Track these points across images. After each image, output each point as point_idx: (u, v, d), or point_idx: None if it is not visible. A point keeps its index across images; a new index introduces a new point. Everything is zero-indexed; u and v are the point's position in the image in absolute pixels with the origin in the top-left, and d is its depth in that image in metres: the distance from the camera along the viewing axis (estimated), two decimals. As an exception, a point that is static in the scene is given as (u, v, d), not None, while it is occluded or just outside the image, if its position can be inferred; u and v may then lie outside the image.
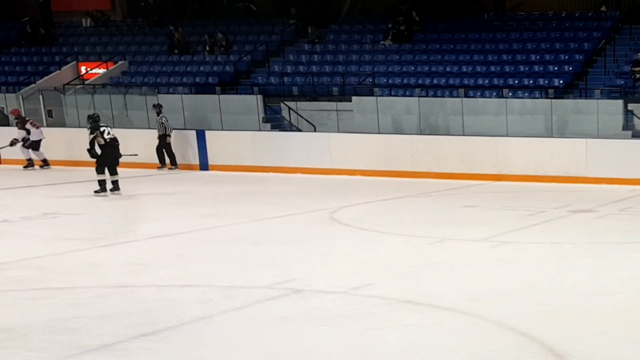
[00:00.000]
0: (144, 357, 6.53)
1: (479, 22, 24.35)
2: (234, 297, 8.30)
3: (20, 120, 20.51)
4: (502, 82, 21.10)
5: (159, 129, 19.93)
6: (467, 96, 20.60)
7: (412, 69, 22.58)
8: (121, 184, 15.99)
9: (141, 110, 21.99)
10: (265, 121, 21.59)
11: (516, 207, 14.16)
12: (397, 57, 23.07)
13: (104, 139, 15.44)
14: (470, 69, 21.98)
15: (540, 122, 19.23)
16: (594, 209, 13.82)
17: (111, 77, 24.74)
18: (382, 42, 23.74)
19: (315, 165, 19.02)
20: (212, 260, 10.16)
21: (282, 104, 21.79)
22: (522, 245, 10.91)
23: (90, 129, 15.51)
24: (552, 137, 18.58)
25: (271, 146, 19.71)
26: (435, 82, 21.78)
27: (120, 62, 25.30)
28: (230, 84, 23.24)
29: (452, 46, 23.14)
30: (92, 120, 15.62)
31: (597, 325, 7.27)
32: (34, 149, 20.42)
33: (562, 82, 20.66)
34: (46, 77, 24.94)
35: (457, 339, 6.89)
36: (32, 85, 24.54)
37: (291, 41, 25.20)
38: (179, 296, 8.38)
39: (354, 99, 21.12)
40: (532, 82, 20.93)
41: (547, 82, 20.75)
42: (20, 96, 23.72)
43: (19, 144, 20.26)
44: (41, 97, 23.43)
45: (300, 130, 21.12)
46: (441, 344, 6.77)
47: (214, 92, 22.56)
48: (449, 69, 22.20)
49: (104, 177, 15.56)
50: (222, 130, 20.84)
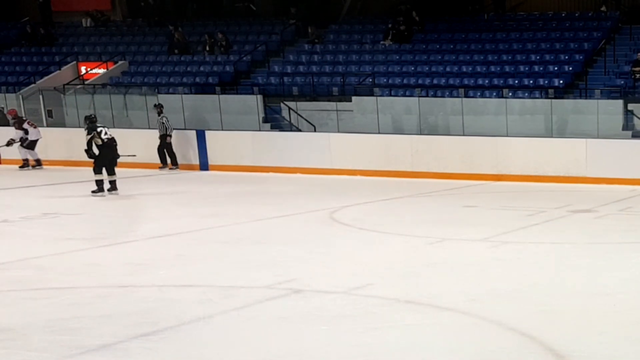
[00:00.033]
0: (144, 357, 6.53)
1: (479, 22, 24.34)
2: (234, 297, 8.30)
3: (17, 120, 20.48)
4: (502, 82, 21.10)
5: (159, 129, 19.94)
6: (467, 96, 20.60)
7: (412, 69, 22.57)
8: (121, 184, 15.99)
9: (141, 110, 21.99)
10: (265, 121, 21.59)
11: (516, 207, 14.16)
12: (397, 57, 23.07)
13: (102, 139, 15.47)
14: (470, 69, 21.98)
15: (540, 122, 19.23)
16: (594, 209, 13.82)
17: (111, 77, 24.74)
18: (382, 42, 23.74)
19: (315, 165, 19.01)
20: (212, 260, 10.16)
21: (282, 104, 21.79)
22: (522, 245, 10.91)
23: (87, 130, 15.57)
24: (552, 137, 18.58)
25: (271, 146, 19.71)
26: (435, 82, 21.77)
27: (120, 62, 25.29)
28: (230, 84, 23.24)
29: (452, 46, 23.13)
30: (89, 121, 15.70)
31: (597, 325, 7.27)
32: (30, 149, 20.40)
33: (562, 82, 20.66)
34: (46, 77, 24.93)
35: (457, 339, 6.89)
36: (32, 85, 24.53)
37: (291, 41, 25.19)
38: (179, 296, 8.38)
39: (354, 99, 21.12)
40: (532, 82, 20.93)
41: (547, 82, 20.75)
42: (20, 96, 23.71)
43: (16, 144, 20.24)
44: (41, 97, 23.43)
45: (300, 130, 21.11)
46: (441, 344, 6.77)
47: (214, 92, 22.56)
48: (449, 69, 22.19)
49: (101, 177, 15.57)
50: (222, 130, 20.84)
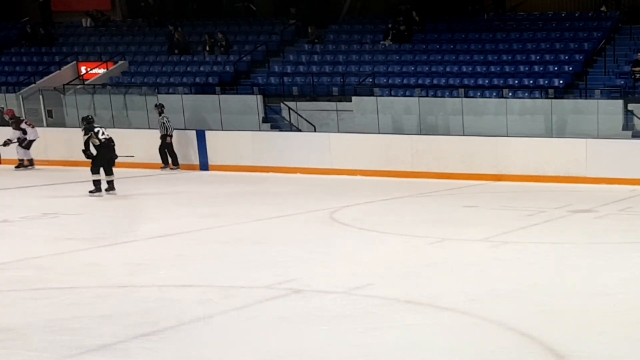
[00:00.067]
0: (144, 357, 6.53)
1: (479, 22, 24.34)
2: (234, 297, 8.30)
3: (15, 120, 20.45)
4: (502, 82, 21.10)
5: (160, 129, 19.93)
6: (467, 96, 20.60)
7: (412, 69, 22.57)
8: (122, 184, 15.99)
9: (141, 110, 21.99)
10: (265, 121, 21.59)
11: (516, 207, 14.16)
12: (397, 57, 23.06)
13: (99, 140, 15.53)
14: (470, 69, 21.97)
15: (540, 122, 19.23)
16: (594, 209, 13.82)
17: (111, 77, 24.73)
18: (382, 42, 23.73)
19: (315, 165, 19.01)
20: (212, 260, 10.16)
21: (282, 104, 21.79)
22: (522, 245, 10.91)
23: (84, 130, 15.61)
24: (552, 137, 18.58)
25: (271, 146, 19.71)
26: (435, 82, 21.77)
27: (120, 62, 25.29)
28: (230, 84, 23.24)
29: (452, 46, 23.13)
30: (86, 121, 15.80)
31: (597, 325, 7.27)
32: (26, 148, 20.36)
33: (562, 82, 20.66)
34: (46, 77, 24.92)
35: (457, 339, 6.88)
36: (32, 85, 24.52)
37: (291, 41, 25.19)
38: (179, 296, 8.38)
39: (354, 99, 21.12)
40: (532, 82, 20.92)
41: (547, 82, 20.75)
42: (20, 96, 23.71)
43: (13, 144, 20.20)
44: (41, 97, 23.43)
45: (300, 130, 21.12)
46: (441, 344, 6.77)
47: (214, 92, 22.55)
48: (449, 69, 22.19)
49: (98, 177, 15.59)
50: (222, 130, 20.84)
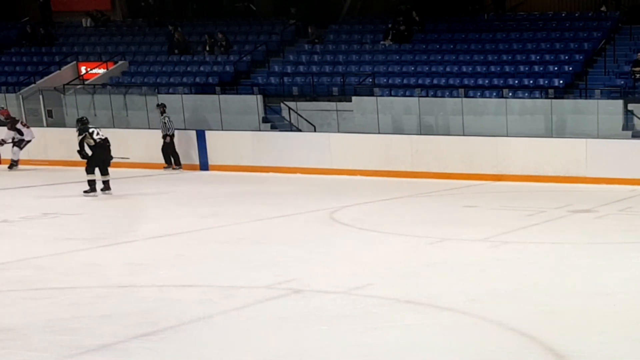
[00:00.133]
0: (144, 357, 6.53)
1: (479, 22, 24.34)
2: (234, 297, 8.30)
3: (11, 120, 20.40)
4: (502, 82, 21.10)
5: (162, 129, 19.93)
6: (467, 96, 20.60)
7: (412, 69, 22.57)
8: (122, 184, 16.00)
9: (141, 110, 22.00)
10: (265, 121, 21.59)
11: (516, 207, 14.16)
12: (397, 57, 23.06)
13: (94, 140, 15.56)
14: (470, 69, 21.97)
15: (540, 122, 19.23)
16: (594, 209, 13.82)
17: (111, 77, 24.73)
18: (382, 42, 23.73)
19: (315, 165, 19.01)
20: (212, 260, 10.16)
21: (282, 104, 21.79)
22: (522, 245, 10.91)
23: (78, 131, 15.68)
24: (552, 137, 18.58)
25: (271, 146, 19.71)
26: (435, 82, 21.77)
27: (120, 62, 25.29)
28: (230, 84, 23.24)
29: (452, 46, 23.13)
30: (81, 122, 15.90)
31: (597, 325, 7.27)
32: (20, 148, 20.27)
33: (562, 82, 20.66)
34: (46, 77, 24.92)
35: (457, 339, 6.88)
36: (32, 85, 24.52)
37: (291, 41, 25.19)
38: (179, 296, 8.38)
39: (354, 99, 21.12)
40: (532, 82, 20.92)
41: (547, 82, 20.75)
42: (20, 96, 23.70)
43: (7, 144, 20.16)
44: (41, 97, 23.43)
45: (300, 130, 21.11)
46: (441, 344, 6.77)
47: (214, 92, 22.55)
48: (449, 69, 22.19)
49: (93, 177, 15.62)
50: (222, 130, 20.84)
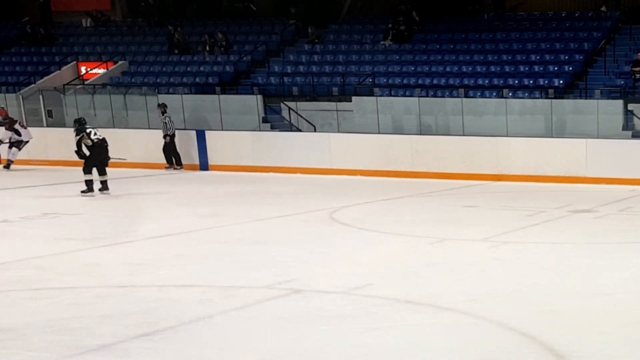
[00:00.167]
0: (144, 357, 6.53)
1: (479, 22, 24.34)
2: (234, 297, 8.30)
3: (9, 121, 20.38)
4: (502, 82, 21.10)
5: (163, 128, 19.93)
6: (467, 96, 20.60)
7: (412, 69, 22.57)
8: (122, 183, 16.01)
9: (141, 110, 21.99)
10: (265, 121, 21.58)
11: (516, 207, 14.16)
12: (397, 57, 23.06)
13: (91, 140, 15.58)
14: (470, 69, 21.97)
15: (540, 122, 19.24)
16: (594, 209, 13.82)
17: (111, 77, 24.73)
18: (382, 42, 23.73)
19: (315, 165, 19.01)
20: (212, 260, 10.16)
21: (282, 104, 21.79)
22: (522, 245, 10.91)
23: (75, 131, 15.69)
24: (552, 137, 18.58)
25: (271, 146, 19.71)
26: (435, 82, 21.77)
27: (120, 62, 25.29)
28: (230, 84, 23.24)
29: (452, 46, 23.13)
30: (79, 123, 15.90)
31: (597, 325, 7.27)
32: (18, 149, 20.30)
33: (562, 82, 20.66)
34: (46, 77, 24.92)
35: (457, 339, 6.88)
36: (32, 85, 24.52)
37: (291, 41, 25.19)
38: (179, 296, 8.38)
39: (354, 99, 21.12)
40: (532, 82, 20.92)
41: (547, 82, 20.75)
42: (20, 96, 23.70)
43: (4, 144, 20.13)
44: (41, 97, 23.43)
45: (300, 130, 21.11)
46: (441, 344, 6.77)
47: (214, 92, 22.55)
48: (449, 69, 22.19)
49: (90, 177, 15.63)
50: (222, 130, 20.84)
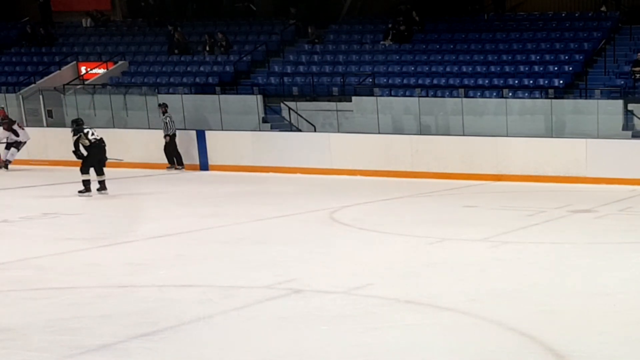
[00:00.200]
0: (144, 357, 6.53)
1: (479, 22, 24.34)
2: (234, 297, 8.30)
3: (7, 121, 20.35)
4: (502, 82, 21.09)
5: (163, 128, 19.93)
6: (467, 96, 20.59)
7: (412, 69, 22.57)
8: (122, 183, 16.02)
9: (141, 110, 21.99)
10: (265, 121, 21.58)
11: (516, 207, 14.16)
12: (397, 57, 23.06)
13: (89, 140, 15.60)
14: (470, 69, 21.97)
15: (540, 122, 19.23)
16: (594, 209, 13.82)
17: (111, 77, 24.73)
18: (382, 42, 23.73)
19: (315, 165, 19.01)
20: (212, 260, 10.16)
21: (282, 104, 21.79)
22: (522, 245, 10.91)
23: (73, 132, 15.71)
24: (552, 137, 18.58)
25: (271, 146, 19.71)
26: (435, 82, 21.76)
27: (120, 62, 25.29)
28: (230, 84, 23.23)
29: (452, 46, 23.13)
30: (76, 124, 15.93)
31: (597, 325, 7.27)
32: (8, 149, 20.29)
33: (562, 82, 20.65)
34: (46, 77, 24.92)
35: (457, 339, 6.88)
36: (32, 85, 24.51)
37: (291, 41, 25.19)
38: (179, 296, 8.38)
39: (354, 99, 21.11)
40: (532, 82, 20.92)
41: (547, 82, 20.75)
42: (20, 96, 23.70)
43: (1, 144, 20.13)
44: (41, 97, 23.42)
45: (300, 130, 21.11)
46: (441, 344, 6.77)
47: (214, 92, 22.54)
48: (449, 69, 22.19)
49: (88, 177, 15.64)
50: (222, 130, 20.84)
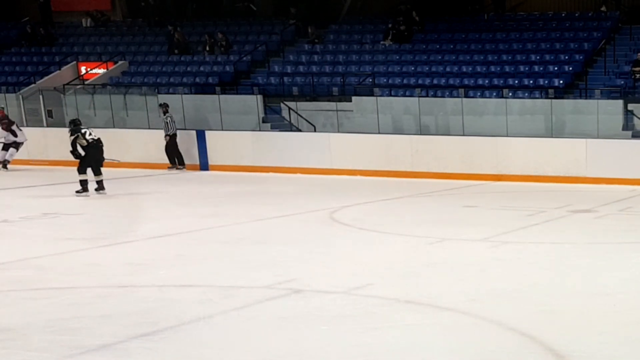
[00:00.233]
0: (144, 357, 6.53)
1: (479, 22, 24.34)
2: (234, 297, 8.30)
3: (7, 121, 20.33)
4: (502, 82, 21.10)
5: (164, 128, 19.93)
6: (467, 96, 20.60)
7: (412, 69, 22.57)
8: (122, 183, 16.02)
9: (141, 110, 21.99)
10: (265, 121, 21.58)
11: (516, 207, 14.16)
12: (397, 57, 23.06)
13: (86, 140, 15.61)
14: (470, 69, 21.97)
15: (540, 122, 19.23)
16: (594, 209, 13.82)
17: (111, 77, 24.73)
18: (382, 42, 23.73)
19: (315, 165, 19.01)
20: (212, 260, 10.16)
21: (282, 104, 21.79)
22: (522, 245, 10.90)
23: (70, 132, 15.74)
24: (552, 137, 18.58)
25: (271, 146, 19.71)
26: (435, 82, 21.77)
27: (120, 62, 25.29)
28: (230, 84, 23.24)
29: (452, 46, 23.13)
30: (73, 124, 15.96)
31: (597, 325, 7.27)
32: (6, 150, 20.27)
33: (562, 82, 20.66)
34: (46, 77, 24.93)
35: (457, 339, 6.88)
36: (32, 85, 24.52)
37: (291, 41, 25.19)
38: (179, 296, 8.38)
39: (354, 99, 21.11)
40: (532, 82, 20.93)
41: (547, 82, 20.75)
42: (20, 96, 23.69)
43: None
44: (41, 97, 23.42)
45: (300, 130, 21.11)
46: (441, 344, 6.77)
47: (214, 92, 22.55)
48: (449, 69, 22.19)
49: (85, 177, 15.65)
50: (222, 130, 20.84)
